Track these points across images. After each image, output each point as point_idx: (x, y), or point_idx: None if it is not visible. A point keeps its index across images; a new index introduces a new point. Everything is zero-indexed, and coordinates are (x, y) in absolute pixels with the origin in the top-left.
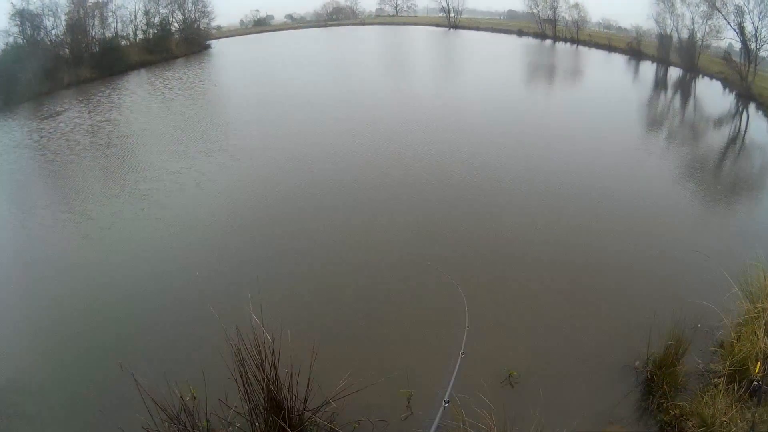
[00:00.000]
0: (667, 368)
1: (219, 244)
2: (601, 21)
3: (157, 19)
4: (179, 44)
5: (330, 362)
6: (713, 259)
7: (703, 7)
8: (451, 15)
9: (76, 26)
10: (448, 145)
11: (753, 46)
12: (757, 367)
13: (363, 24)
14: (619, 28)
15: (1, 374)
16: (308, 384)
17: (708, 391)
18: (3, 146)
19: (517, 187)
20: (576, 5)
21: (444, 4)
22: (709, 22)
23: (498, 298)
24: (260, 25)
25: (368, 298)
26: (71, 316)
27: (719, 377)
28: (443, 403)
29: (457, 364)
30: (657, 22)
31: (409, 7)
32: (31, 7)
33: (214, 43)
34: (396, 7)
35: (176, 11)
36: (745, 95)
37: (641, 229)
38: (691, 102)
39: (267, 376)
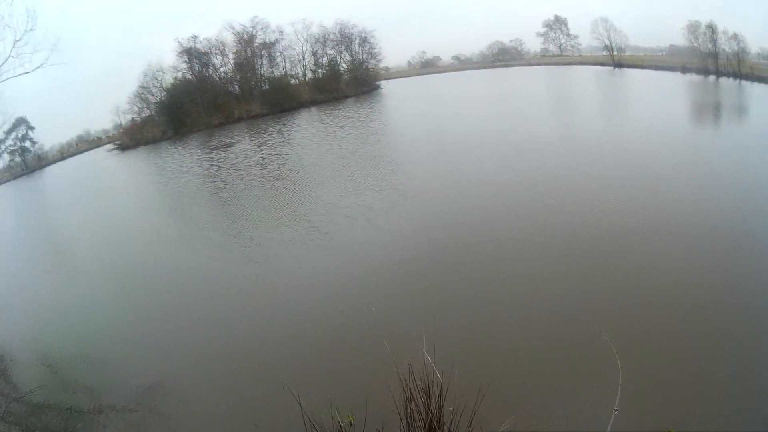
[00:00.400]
0: None
1: (392, 280)
2: (760, 51)
3: (325, 60)
4: (349, 84)
5: (493, 405)
6: None
7: None
8: (615, 53)
9: (245, 64)
10: (607, 194)
11: None
12: None
13: (529, 65)
14: None
15: (156, 377)
16: (470, 424)
17: None
18: (173, 171)
19: (670, 235)
20: (735, 36)
21: (607, 41)
22: None
23: (650, 352)
24: (427, 66)
25: (530, 347)
26: (237, 333)
27: None
28: None
29: (611, 421)
30: None
31: (573, 46)
32: (198, 46)
33: (383, 83)
34: (560, 46)
35: (344, 52)
36: None
37: None
38: None
39: (431, 413)
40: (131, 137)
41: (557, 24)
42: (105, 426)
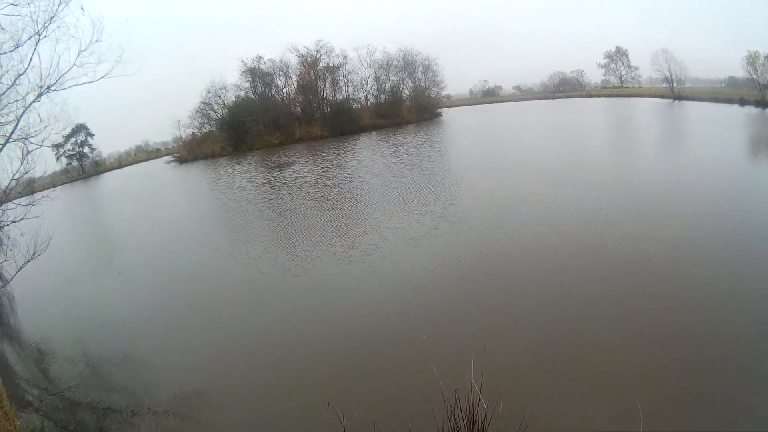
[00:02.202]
0: None
1: (442, 304)
2: None
3: (387, 86)
4: (410, 110)
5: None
6: None
7: None
8: (674, 85)
9: (307, 87)
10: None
11: None
12: None
13: (590, 96)
14: None
15: (195, 383)
16: None
17: None
18: (227, 186)
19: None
20: None
21: (667, 73)
22: None
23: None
24: (488, 95)
25: (578, 381)
26: (281, 347)
27: None
28: None
29: None
30: None
31: (633, 78)
32: (262, 66)
33: (444, 110)
34: (621, 78)
35: (406, 79)
36: None
37: None
38: None
39: None
40: (190, 151)
41: (618, 55)
42: (139, 428)
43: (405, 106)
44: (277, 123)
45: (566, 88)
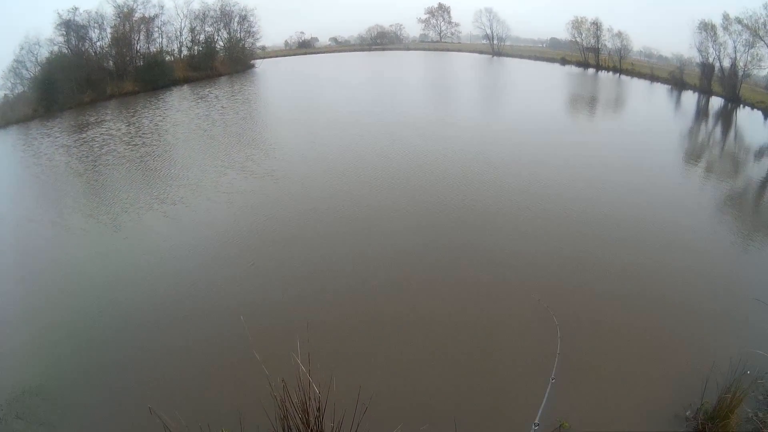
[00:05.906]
0: (719, 420)
1: (257, 278)
2: (642, 50)
3: (202, 37)
4: (224, 62)
5: (382, 408)
6: None
7: (745, 36)
8: (495, 42)
9: (122, 40)
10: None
11: None
12: None
13: (407, 49)
14: (660, 56)
15: (31, 380)
16: None
17: None
18: (34, 151)
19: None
20: (619, 34)
21: (488, 31)
22: (751, 51)
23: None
24: (305, 47)
25: (441, 325)
26: (100, 342)
27: None
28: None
29: (547, 389)
30: (699, 51)
31: (452, 34)
32: (78, 19)
33: (258, 62)
34: (440, 34)
35: (222, 30)
36: None
37: (700, 273)
38: (731, 133)
39: (311, 430)
40: (2, 116)
41: (440, 11)
42: None
43: (219, 58)
44: (90, 79)
45: (384, 41)
